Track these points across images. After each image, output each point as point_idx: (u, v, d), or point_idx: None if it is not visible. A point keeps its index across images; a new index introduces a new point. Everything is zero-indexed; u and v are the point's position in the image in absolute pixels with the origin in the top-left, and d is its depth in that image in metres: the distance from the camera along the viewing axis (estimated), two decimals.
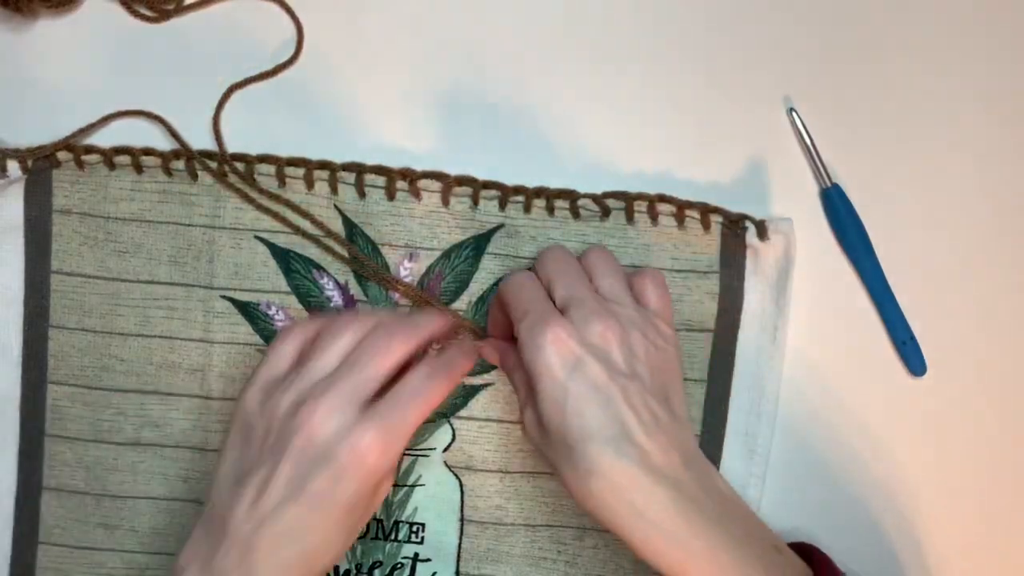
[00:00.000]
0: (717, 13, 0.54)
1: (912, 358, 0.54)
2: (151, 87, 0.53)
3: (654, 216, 0.52)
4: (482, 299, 0.52)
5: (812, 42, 0.55)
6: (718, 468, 0.53)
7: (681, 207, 0.52)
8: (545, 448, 0.44)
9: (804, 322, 0.54)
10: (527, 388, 0.45)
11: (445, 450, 0.53)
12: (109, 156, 0.51)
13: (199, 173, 0.51)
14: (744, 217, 0.52)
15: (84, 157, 0.51)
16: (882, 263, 0.54)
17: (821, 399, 0.54)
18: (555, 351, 0.43)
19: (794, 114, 0.54)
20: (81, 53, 0.53)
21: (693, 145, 0.54)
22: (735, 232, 0.52)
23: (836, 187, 0.53)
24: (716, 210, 0.52)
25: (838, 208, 0.53)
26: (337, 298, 0.52)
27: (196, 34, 0.53)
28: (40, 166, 0.51)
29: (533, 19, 0.54)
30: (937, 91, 0.55)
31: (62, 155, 0.51)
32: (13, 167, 0.51)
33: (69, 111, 0.52)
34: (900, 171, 0.55)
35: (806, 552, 0.46)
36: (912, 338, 0.54)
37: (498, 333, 0.50)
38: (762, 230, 0.52)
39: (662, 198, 0.52)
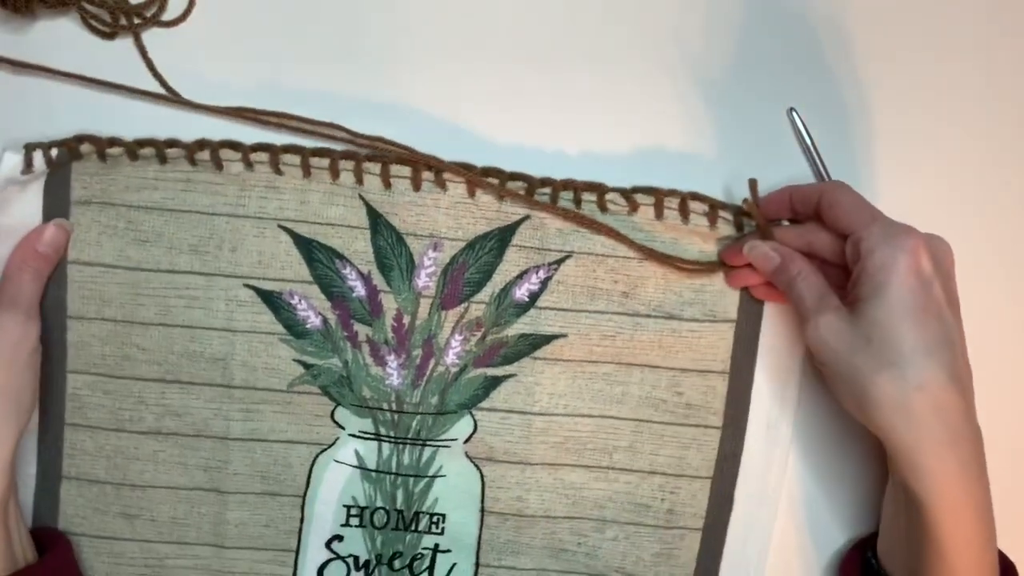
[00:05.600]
0: (718, 14, 0.54)
1: None
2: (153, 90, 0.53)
3: (685, 214, 0.52)
4: (505, 291, 0.52)
5: (813, 42, 0.55)
6: (740, 458, 0.53)
7: (715, 207, 0.52)
8: (848, 354, 0.45)
9: None
10: (820, 295, 0.47)
11: (466, 441, 0.53)
12: (133, 148, 0.50)
13: (224, 163, 0.51)
14: (777, 221, 0.52)
15: (108, 150, 0.50)
16: None
17: None
18: (914, 259, 0.44)
19: (794, 114, 0.54)
20: (80, 53, 0.53)
21: (693, 145, 0.54)
22: (767, 234, 0.52)
23: None
24: (748, 214, 0.51)
25: None
26: (360, 288, 0.52)
27: (199, 36, 0.53)
28: (63, 159, 0.50)
29: (535, 19, 0.54)
30: (938, 90, 0.55)
31: (84, 148, 0.50)
32: (39, 161, 0.50)
33: (69, 111, 0.52)
34: (900, 170, 0.55)
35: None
36: None
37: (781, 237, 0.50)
38: None
39: (695, 196, 0.52)
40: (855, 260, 0.46)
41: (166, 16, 0.53)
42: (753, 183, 0.51)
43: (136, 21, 0.53)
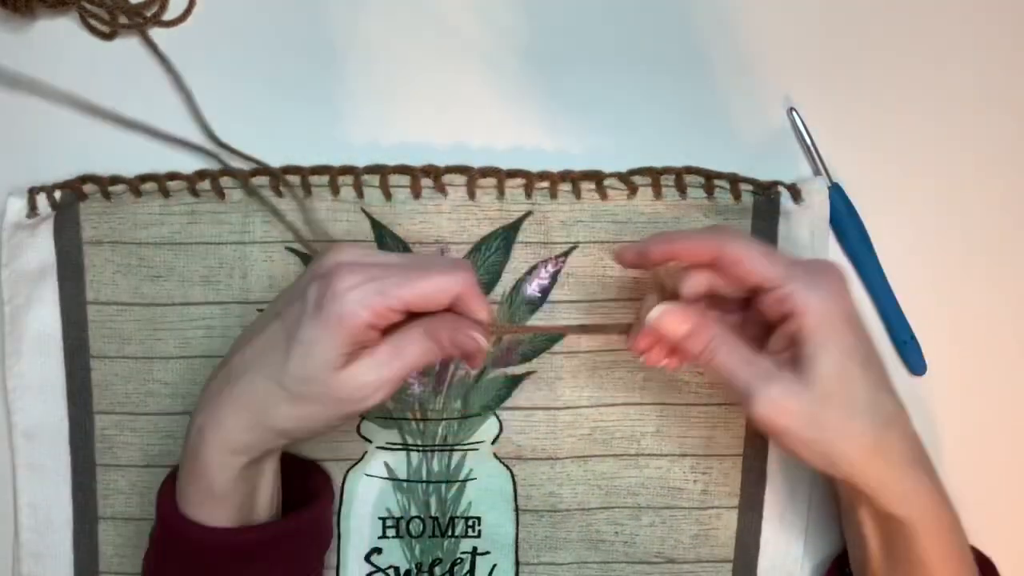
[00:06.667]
0: (718, 13, 0.54)
1: (912, 358, 0.54)
2: (153, 90, 0.53)
3: (682, 189, 0.52)
4: (516, 289, 0.52)
5: (813, 41, 0.54)
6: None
7: (710, 177, 0.52)
8: (811, 416, 0.42)
9: None
10: (747, 361, 0.43)
11: (493, 442, 0.53)
12: (135, 184, 0.51)
13: (226, 191, 0.51)
14: (776, 183, 0.52)
15: (110, 188, 0.51)
16: (882, 262, 0.53)
17: None
18: (845, 302, 0.43)
19: (794, 114, 0.53)
20: (81, 53, 0.53)
21: (693, 145, 0.53)
22: (768, 198, 0.52)
23: (836, 187, 0.53)
24: (745, 179, 0.52)
25: (839, 208, 0.53)
26: None
27: (200, 36, 0.54)
28: (67, 200, 0.51)
29: (535, 18, 0.54)
30: (938, 90, 0.54)
31: (88, 187, 0.51)
32: (43, 204, 0.51)
33: (68, 111, 0.52)
34: (901, 170, 0.54)
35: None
36: (912, 338, 0.53)
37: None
38: (795, 193, 0.52)
39: (689, 170, 0.52)
40: (779, 316, 0.43)
41: (167, 16, 0.53)
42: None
43: (137, 21, 0.53)
